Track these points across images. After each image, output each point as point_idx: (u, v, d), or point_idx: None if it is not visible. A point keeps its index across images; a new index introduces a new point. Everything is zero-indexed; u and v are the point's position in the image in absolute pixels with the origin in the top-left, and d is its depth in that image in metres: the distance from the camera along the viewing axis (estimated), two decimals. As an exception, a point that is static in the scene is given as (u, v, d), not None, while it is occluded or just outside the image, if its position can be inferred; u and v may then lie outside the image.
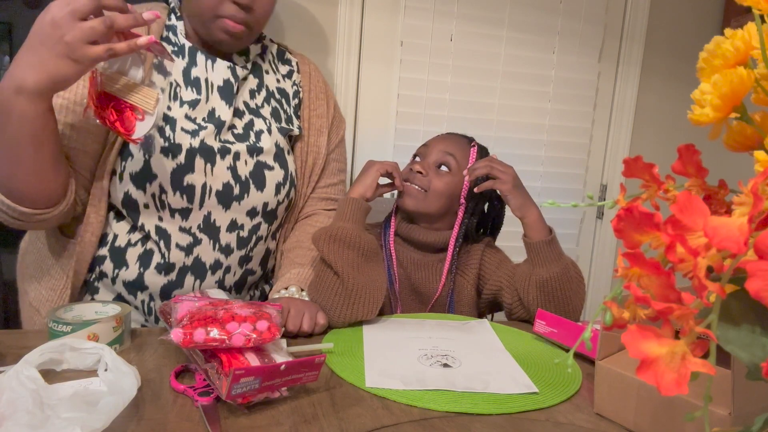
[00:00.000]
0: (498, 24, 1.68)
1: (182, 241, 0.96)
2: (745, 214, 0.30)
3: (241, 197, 0.99)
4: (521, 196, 1.03)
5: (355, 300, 0.92)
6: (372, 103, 1.66)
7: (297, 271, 1.01)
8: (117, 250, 0.96)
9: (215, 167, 0.95)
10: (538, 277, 0.99)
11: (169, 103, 0.94)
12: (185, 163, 0.93)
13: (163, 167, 0.91)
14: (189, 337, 0.65)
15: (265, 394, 0.65)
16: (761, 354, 0.32)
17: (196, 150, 0.94)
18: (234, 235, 1.01)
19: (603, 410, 0.69)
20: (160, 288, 0.98)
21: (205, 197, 0.95)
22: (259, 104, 1.06)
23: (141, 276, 0.96)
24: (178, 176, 0.92)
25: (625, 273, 0.34)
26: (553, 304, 0.99)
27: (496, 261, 1.12)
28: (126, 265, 0.96)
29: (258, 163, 1.01)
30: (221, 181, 0.96)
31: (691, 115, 0.40)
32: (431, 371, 0.77)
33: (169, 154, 0.92)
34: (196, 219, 0.96)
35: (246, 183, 0.99)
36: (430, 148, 1.10)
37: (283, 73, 1.13)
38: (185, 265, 0.98)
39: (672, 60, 1.86)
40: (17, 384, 0.58)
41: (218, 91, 0.99)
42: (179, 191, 0.93)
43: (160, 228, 0.95)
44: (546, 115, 1.77)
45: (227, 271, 1.02)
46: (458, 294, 1.11)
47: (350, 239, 0.94)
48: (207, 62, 0.99)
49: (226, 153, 0.97)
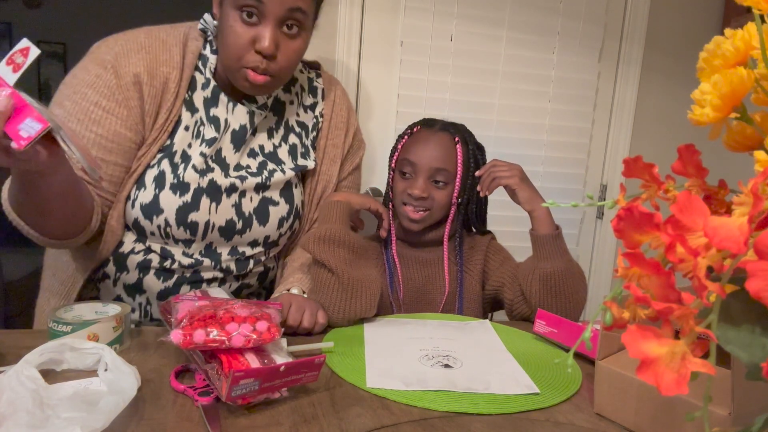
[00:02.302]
0: (498, 24, 1.68)
1: (185, 261, 0.99)
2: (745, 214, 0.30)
3: (243, 231, 1.00)
4: (529, 189, 1.05)
5: (353, 294, 0.93)
6: (372, 104, 1.65)
7: (299, 276, 1.02)
8: (120, 256, 0.98)
9: (220, 206, 0.97)
10: (542, 270, 1.00)
11: (191, 141, 0.96)
12: (191, 201, 0.94)
13: (170, 203, 0.93)
14: (189, 338, 0.65)
15: (265, 394, 0.65)
16: (761, 354, 0.32)
17: (203, 189, 0.95)
18: (234, 258, 1.03)
19: (603, 410, 0.69)
20: (158, 292, 0.99)
21: (208, 232, 0.98)
22: (276, 144, 1.06)
23: (140, 280, 0.98)
24: (183, 213, 0.94)
25: (625, 273, 0.34)
26: (556, 299, 0.99)
27: (499, 258, 1.14)
28: (127, 270, 0.98)
29: (263, 199, 1.02)
30: (224, 218, 0.98)
31: (691, 115, 0.40)
32: (432, 372, 0.77)
33: (177, 191, 0.93)
34: (198, 247, 0.99)
35: (249, 219, 1.00)
36: (418, 165, 1.07)
37: (307, 104, 1.11)
38: (184, 276, 1.00)
39: (672, 60, 1.85)
40: (17, 384, 0.58)
41: (231, 134, 0.99)
42: (183, 226, 0.95)
43: (165, 248, 0.98)
44: (546, 115, 1.77)
45: (222, 283, 1.04)
46: (467, 291, 1.12)
47: (339, 238, 0.95)
48: (228, 104, 0.99)
49: (232, 191, 0.98)
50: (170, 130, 0.94)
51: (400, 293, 1.11)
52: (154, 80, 0.93)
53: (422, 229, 1.10)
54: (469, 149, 1.10)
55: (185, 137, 0.95)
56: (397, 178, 1.11)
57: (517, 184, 1.04)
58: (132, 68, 0.91)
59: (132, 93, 0.91)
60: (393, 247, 1.13)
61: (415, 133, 1.13)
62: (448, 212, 1.11)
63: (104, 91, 0.90)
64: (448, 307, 1.11)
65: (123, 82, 0.91)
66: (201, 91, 0.98)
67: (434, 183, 1.08)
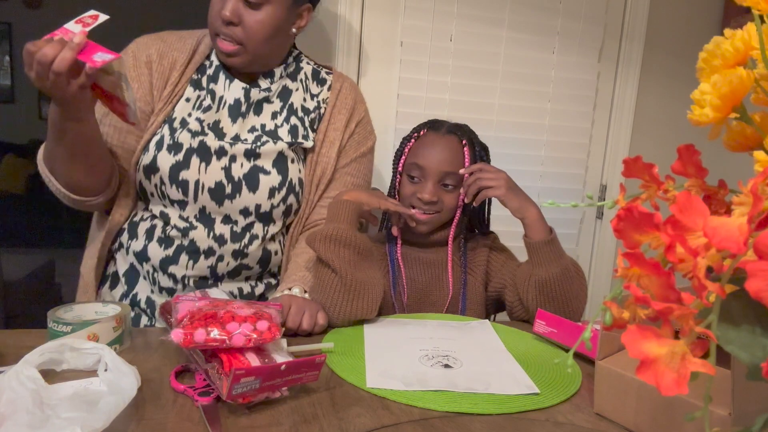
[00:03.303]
0: (498, 24, 1.68)
1: (180, 225, 1.04)
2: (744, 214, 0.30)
3: (232, 196, 1.04)
4: (517, 198, 1.03)
5: (355, 297, 0.93)
6: (372, 103, 1.65)
7: (303, 274, 1.02)
8: (133, 224, 1.07)
9: (209, 166, 1.02)
10: (538, 277, 0.99)
11: (191, 111, 1.06)
12: (183, 160, 1.01)
13: (165, 162, 1.01)
14: (189, 337, 0.65)
15: (265, 394, 0.65)
16: (761, 354, 0.32)
17: (194, 149, 1.02)
18: (228, 227, 1.05)
19: (603, 410, 0.69)
20: (160, 260, 1.04)
21: (198, 192, 1.03)
22: (279, 124, 1.10)
23: (145, 248, 1.04)
24: (175, 171, 1.01)
25: (625, 273, 0.34)
26: (552, 305, 0.99)
27: (502, 258, 1.14)
28: (136, 237, 1.06)
29: (254, 167, 1.05)
30: (214, 180, 1.03)
31: (690, 115, 0.40)
32: (432, 372, 0.77)
33: (172, 151, 1.02)
34: (192, 210, 1.04)
35: (238, 184, 1.04)
36: (427, 169, 1.07)
37: (314, 93, 1.16)
38: (182, 244, 1.04)
39: (672, 60, 1.85)
40: (17, 384, 0.58)
41: (228, 108, 1.06)
42: (175, 184, 1.02)
43: (164, 212, 1.05)
44: (546, 115, 1.77)
45: (220, 260, 1.05)
46: (470, 293, 1.12)
47: (345, 238, 0.95)
48: (226, 82, 1.06)
49: (222, 155, 1.03)
50: (174, 103, 1.05)
51: (403, 295, 1.11)
52: (163, 60, 1.06)
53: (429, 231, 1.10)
54: (475, 151, 1.10)
55: (186, 107, 1.05)
56: (405, 181, 1.11)
57: (504, 195, 1.03)
58: (146, 52, 1.06)
59: (143, 70, 1.05)
60: (398, 249, 1.13)
61: (422, 136, 1.12)
62: (455, 214, 1.11)
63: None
64: (452, 309, 1.11)
65: (138, 63, 1.05)
66: (208, 73, 1.08)
67: (443, 186, 1.08)
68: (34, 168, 3.85)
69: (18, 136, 4.31)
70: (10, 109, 4.40)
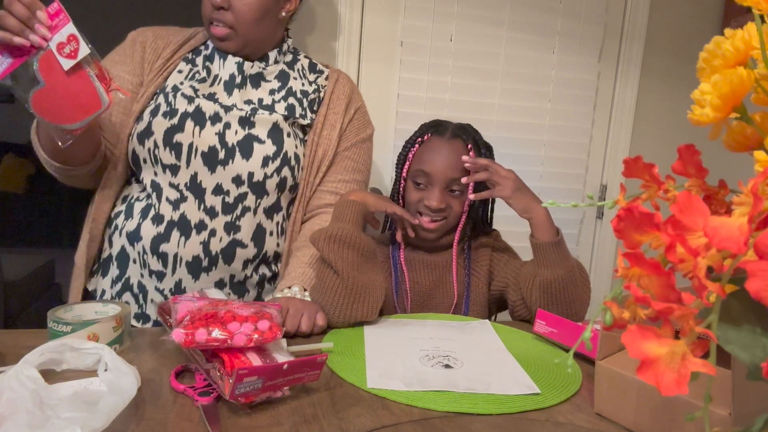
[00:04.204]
0: (498, 24, 1.68)
1: (171, 195, 1.05)
2: (745, 214, 0.30)
3: (225, 162, 1.05)
4: (524, 199, 1.03)
5: (356, 299, 0.92)
6: (372, 103, 1.65)
7: (302, 271, 1.02)
8: (129, 205, 1.09)
9: (203, 131, 1.05)
10: (542, 278, 0.99)
11: (183, 80, 1.10)
12: (177, 124, 1.04)
13: (160, 127, 1.04)
14: (191, 337, 0.65)
15: (267, 393, 0.65)
16: (761, 354, 0.32)
17: (189, 114, 1.05)
18: (219, 199, 1.06)
19: (603, 410, 0.69)
20: (151, 239, 1.04)
21: (191, 156, 1.04)
22: (276, 100, 1.13)
23: (138, 227, 1.05)
24: (170, 135, 1.04)
25: (625, 273, 0.34)
26: (556, 306, 0.99)
27: (505, 257, 1.14)
28: (131, 217, 1.07)
29: (248, 135, 1.07)
30: (207, 144, 1.04)
31: (691, 115, 0.40)
32: (433, 372, 0.77)
33: (167, 116, 1.05)
34: (183, 177, 1.05)
35: (232, 150, 1.05)
36: (434, 176, 1.06)
37: (311, 80, 1.20)
38: (172, 220, 1.04)
39: (672, 60, 1.85)
40: (17, 384, 0.58)
41: (223, 84, 1.11)
42: (169, 147, 1.04)
43: (155, 182, 1.06)
44: (546, 115, 1.77)
45: (212, 234, 1.05)
46: (473, 294, 1.12)
47: (350, 239, 0.94)
48: (220, 61, 1.11)
49: (216, 120, 1.06)
50: (166, 75, 1.10)
51: (406, 299, 1.11)
52: (158, 40, 1.12)
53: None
54: (481, 153, 1.09)
55: (178, 77, 1.10)
56: (411, 188, 1.10)
57: (510, 197, 1.02)
58: (144, 35, 1.13)
59: (137, 48, 1.11)
60: (401, 252, 1.13)
61: (426, 141, 1.10)
62: (461, 218, 1.11)
63: (119, 51, 1.13)
64: (456, 311, 1.11)
65: (134, 44, 1.12)
66: (204, 53, 1.13)
67: (450, 192, 1.08)
68: (34, 168, 3.86)
69: (18, 136, 4.30)
70: (10, 109, 4.40)
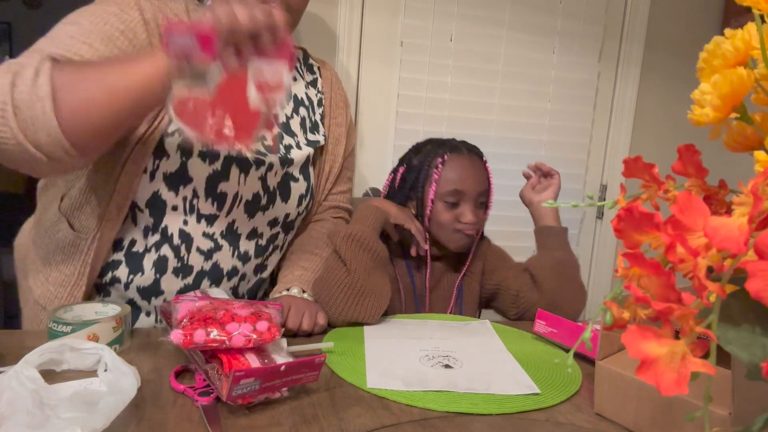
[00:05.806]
0: (498, 24, 1.68)
1: (204, 245, 0.95)
2: (745, 214, 0.30)
3: (266, 208, 0.99)
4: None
5: (360, 301, 0.93)
6: (372, 103, 1.65)
7: (300, 273, 1.01)
8: (134, 256, 0.93)
9: (248, 177, 0.95)
10: (556, 258, 1.07)
11: None
12: (221, 170, 0.92)
13: (200, 172, 0.90)
14: (189, 338, 0.65)
15: (265, 394, 0.65)
16: (761, 354, 0.32)
17: (233, 158, 0.92)
18: (253, 243, 1.01)
19: (603, 410, 0.69)
20: (177, 291, 0.96)
21: (234, 206, 0.95)
22: (288, 115, 1.06)
23: (157, 282, 0.94)
24: (213, 182, 0.92)
25: (625, 273, 0.34)
26: (569, 285, 1.06)
27: (497, 257, 1.16)
28: (142, 271, 0.94)
29: (286, 175, 1.01)
30: (251, 192, 0.96)
31: (691, 115, 0.40)
32: (433, 372, 0.77)
33: (207, 159, 0.90)
34: (220, 226, 0.96)
35: (273, 194, 1.00)
36: (467, 193, 1.06)
37: (309, 81, 1.14)
38: (203, 270, 0.96)
39: (672, 60, 1.85)
40: (17, 384, 0.58)
41: None
42: (212, 197, 0.92)
43: (184, 231, 0.93)
44: (546, 115, 1.77)
45: (242, 279, 1.02)
46: (466, 294, 1.13)
47: (368, 243, 0.95)
48: None
49: (260, 164, 0.96)
50: None
51: (403, 304, 1.11)
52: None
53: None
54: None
55: None
56: (441, 209, 1.07)
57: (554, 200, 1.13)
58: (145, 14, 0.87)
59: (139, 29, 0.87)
60: (409, 264, 1.13)
61: (447, 160, 1.08)
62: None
63: (127, 23, 0.87)
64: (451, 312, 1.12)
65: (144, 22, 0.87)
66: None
67: (480, 205, 1.10)
68: (34, 168, 3.76)
69: (18, 136, 4.30)
70: (10, 109, 4.40)
